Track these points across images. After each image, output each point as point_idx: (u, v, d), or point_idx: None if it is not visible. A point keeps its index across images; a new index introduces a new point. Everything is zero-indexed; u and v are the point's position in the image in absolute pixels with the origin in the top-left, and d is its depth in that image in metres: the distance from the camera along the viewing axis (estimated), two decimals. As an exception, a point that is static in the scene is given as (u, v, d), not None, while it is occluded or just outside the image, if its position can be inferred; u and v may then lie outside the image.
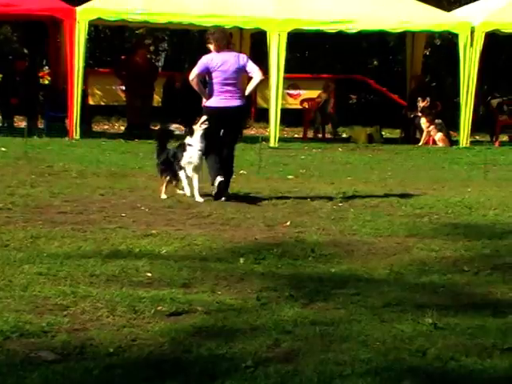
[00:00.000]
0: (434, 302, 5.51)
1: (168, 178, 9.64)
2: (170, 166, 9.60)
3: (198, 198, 9.29)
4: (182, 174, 9.52)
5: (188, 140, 9.63)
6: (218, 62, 9.52)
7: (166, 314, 5.12)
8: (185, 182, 9.49)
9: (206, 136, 9.56)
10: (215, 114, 9.52)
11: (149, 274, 6.00)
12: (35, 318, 4.91)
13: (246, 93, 9.82)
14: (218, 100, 9.53)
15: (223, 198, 9.34)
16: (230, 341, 4.64)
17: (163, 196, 9.51)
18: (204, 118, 9.57)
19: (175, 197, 9.48)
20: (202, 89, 9.64)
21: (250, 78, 9.76)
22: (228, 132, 9.64)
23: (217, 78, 9.51)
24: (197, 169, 9.51)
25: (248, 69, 9.65)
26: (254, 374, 4.17)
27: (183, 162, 9.50)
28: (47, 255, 6.42)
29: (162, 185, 9.63)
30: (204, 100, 9.69)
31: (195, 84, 9.59)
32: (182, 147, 9.65)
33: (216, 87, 9.53)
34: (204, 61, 9.63)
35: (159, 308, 5.19)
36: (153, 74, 18.18)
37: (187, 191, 9.45)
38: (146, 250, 6.74)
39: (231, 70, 9.53)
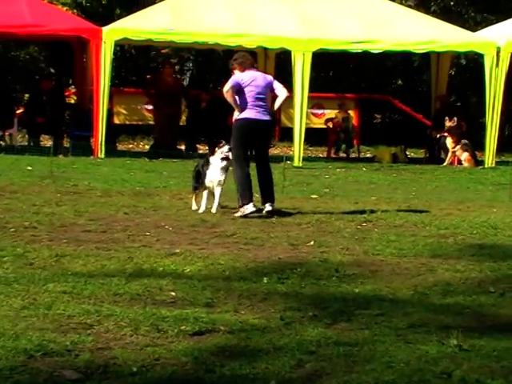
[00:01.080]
0: (458, 323, 5.47)
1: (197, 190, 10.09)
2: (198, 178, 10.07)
3: (214, 210, 9.73)
4: (205, 193, 9.87)
5: (210, 159, 9.88)
6: (248, 78, 9.76)
7: (189, 333, 5.12)
8: (204, 200, 9.83)
9: (236, 150, 9.77)
10: (249, 125, 9.71)
11: (172, 294, 6.00)
12: (59, 336, 4.93)
13: (275, 108, 10.09)
14: (251, 112, 9.72)
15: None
16: (253, 361, 4.62)
17: (194, 207, 9.96)
18: (226, 148, 9.80)
19: (199, 216, 9.50)
20: (236, 101, 9.73)
21: (275, 98, 9.90)
22: (260, 147, 9.88)
23: (250, 92, 9.71)
24: (219, 184, 9.88)
25: (274, 86, 9.87)
26: (277, 395, 4.15)
27: (206, 181, 9.87)
28: (71, 274, 6.45)
29: (193, 197, 10.11)
30: (236, 114, 9.79)
31: (230, 95, 9.70)
32: (206, 163, 9.96)
33: (249, 100, 9.71)
34: (235, 78, 9.83)
35: (182, 327, 5.19)
36: (181, 92, 18.29)
37: (201, 208, 9.77)
38: (170, 269, 6.74)
39: (262, 85, 9.78)
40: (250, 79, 9.74)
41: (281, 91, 9.85)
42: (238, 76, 9.81)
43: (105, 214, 9.45)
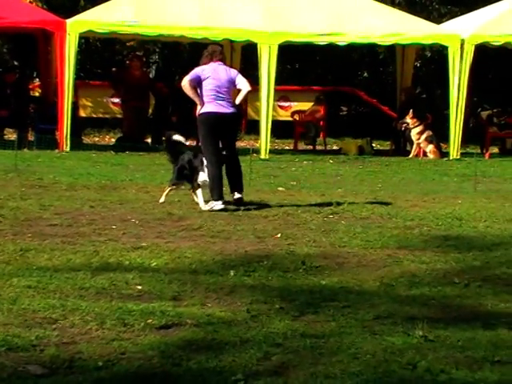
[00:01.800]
0: (424, 314, 5.51)
1: (178, 185, 9.99)
2: (186, 173, 9.86)
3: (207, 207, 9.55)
4: (199, 191, 9.70)
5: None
6: (209, 71, 9.76)
7: (156, 327, 5.10)
8: (201, 198, 9.65)
9: (204, 146, 9.70)
10: (212, 119, 9.63)
11: (139, 287, 5.98)
12: (24, 331, 4.89)
13: (236, 102, 9.98)
14: (212, 106, 9.68)
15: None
16: (220, 354, 4.62)
17: (162, 200, 9.85)
18: None
19: (165, 209, 9.47)
20: (196, 93, 9.70)
21: (238, 92, 9.88)
22: (226, 140, 9.85)
23: (209, 85, 9.69)
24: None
25: (237, 81, 9.83)
26: (243, 388, 4.16)
27: (200, 180, 9.71)
28: (36, 268, 6.40)
29: (165, 190, 9.94)
30: (198, 108, 9.76)
31: (187, 89, 9.69)
32: (200, 163, 9.75)
33: (209, 93, 9.68)
34: (195, 70, 9.86)
35: (149, 321, 5.17)
36: (148, 86, 18.21)
37: (204, 207, 9.55)
38: (136, 263, 6.72)
39: (222, 79, 9.75)
40: (211, 72, 9.72)
41: (243, 85, 9.82)
42: (198, 69, 9.84)
43: (70, 207, 9.39)
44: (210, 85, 9.67)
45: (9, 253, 6.90)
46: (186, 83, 9.71)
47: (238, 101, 9.94)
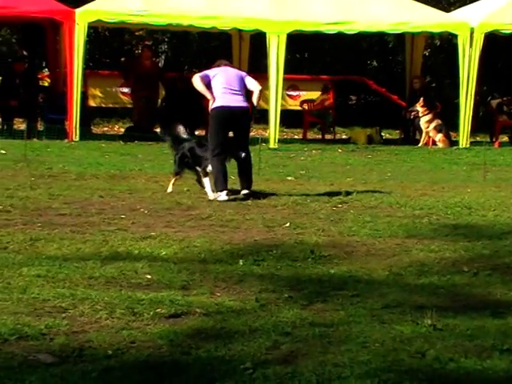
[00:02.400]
0: (433, 303, 5.50)
1: (181, 174, 9.99)
2: (187, 161, 9.88)
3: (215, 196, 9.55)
4: (206, 180, 9.71)
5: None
6: (217, 70, 9.95)
7: (165, 316, 5.12)
8: (209, 187, 9.67)
9: (213, 137, 9.70)
10: (223, 113, 9.67)
11: (148, 276, 5.99)
12: (34, 320, 4.91)
13: (254, 103, 10.03)
14: (222, 100, 9.75)
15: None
16: (229, 343, 4.64)
17: (170, 190, 9.85)
18: None
19: (174, 198, 9.48)
20: (206, 88, 9.77)
21: (250, 94, 10.04)
22: (238, 133, 9.91)
23: (219, 81, 9.80)
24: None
25: (246, 82, 9.96)
26: (252, 376, 4.17)
27: (210, 169, 9.70)
28: (46, 257, 6.42)
29: (171, 180, 9.94)
30: (210, 103, 9.77)
31: (198, 83, 9.75)
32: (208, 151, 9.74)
33: (220, 88, 9.78)
34: (204, 71, 10.06)
35: (158, 310, 5.19)
36: (158, 75, 18.20)
37: (212, 195, 9.58)
38: (145, 252, 6.73)
39: (231, 75, 9.88)
40: (219, 70, 9.88)
41: (254, 86, 9.94)
42: (207, 70, 10.02)
43: (79, 197, 9.41)
44: (220, 80, 9.77)
45: (18, 242, 6.93)
46: (196, 78, 9.83)
47: (255, 102, 9.99)
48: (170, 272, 6.13)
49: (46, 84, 19.78)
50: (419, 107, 17.71)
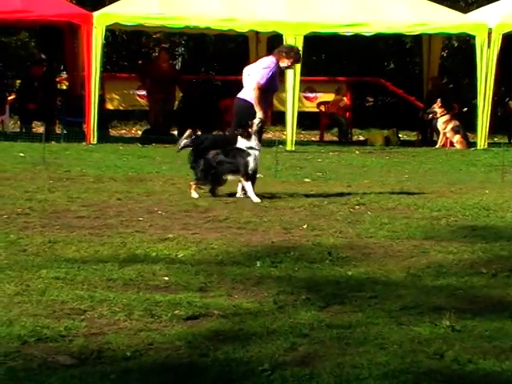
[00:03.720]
0: (451, 304, 5.49)
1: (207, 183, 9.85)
2: (212, 172, 9.79)
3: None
4: (249, 184, 9.64)
5: (247, 143, 9.72)
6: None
7: (183, 317, 5.13)
8: (251, 189, 9.64)
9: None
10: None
11: (166, 278, 6.01)
12: (53, 322, 4.94)
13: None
14: None
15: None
16: (247, 344, 4.64)
17: (195, 195, 9.73)
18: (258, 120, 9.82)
19: (192, 200, 9.50)
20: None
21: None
22: None
23: None
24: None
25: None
26: (270, 378, 4.17)
27: (251, 168, 9.65)
28: (64, 260, 6.45)
29: (192, 186, 9.80)
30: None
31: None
32: (240, 152, 9.69)
33: None
34: None
35: (176, 312, 5.20)
36: (175, 78, 18.25)
37: (256, 198, 9.55)
38: (163, 254, 6.75)
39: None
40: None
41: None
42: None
43: (97, 199, 9.45)
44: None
45: (37, 245, 6.96)
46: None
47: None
48: (187, 274, 6.15)
49: (64, 87, 19.89)
50: (437, 108, 17.66)
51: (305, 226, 8.07)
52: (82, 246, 6.94)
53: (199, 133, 19.27)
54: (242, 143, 9.76)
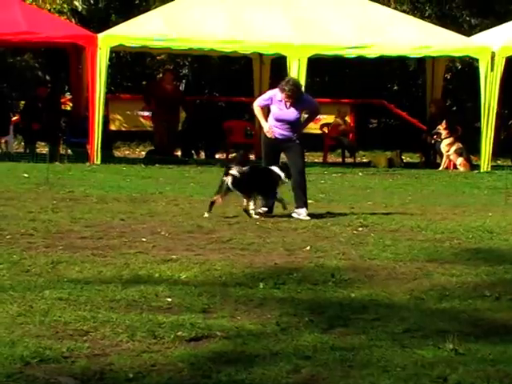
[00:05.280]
0: (454, 327, 5.48)
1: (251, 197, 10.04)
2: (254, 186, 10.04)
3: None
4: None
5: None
6: None
7: (186, 339, 5.12)
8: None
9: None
10: None
11: (168, 300, 6.01)
12: (55, 343, 4.93)
13: None
14: None
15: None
16: (250, 366, 4.63)
17: (257, 214, 9.91)
18: None
19: (195, 221, 9.50)
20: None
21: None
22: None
23: None
24: None
25: None
26: (273, 400, 4.16)
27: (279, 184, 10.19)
28: (68, 280, 6.45)
29: (248, 203, 9.93)
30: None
31: None
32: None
33: None
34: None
35: (179, 333, 5.19)
36: (180, 99, 18.31)
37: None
38: (166, 275, 6.75)
39: None
40: None
41: None
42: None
43: (101, 220, 9.45)
44: None
45: (40, 265, 6.96)
46: None
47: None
48: (190, 295, 6.14)
49: (69, 108, 19.95)
50: (442, 130, 17.68)
51: (308, 248, 8.07)
52: (85, 267, 6.94)
53: (202, 154, 19.41)
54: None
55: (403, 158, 19.26)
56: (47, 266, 6.93)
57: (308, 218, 9.90)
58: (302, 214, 10.03)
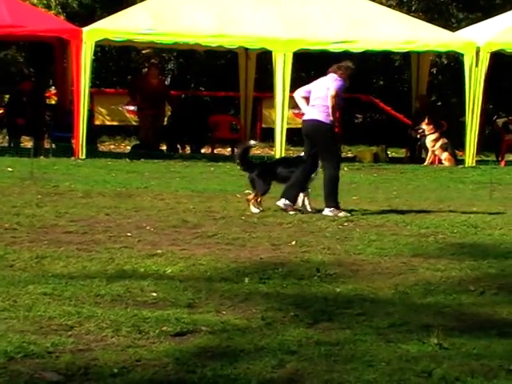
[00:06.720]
0: (439, 322, 5.49)
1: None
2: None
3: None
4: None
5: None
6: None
7: (171, 334, 5.12)
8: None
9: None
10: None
11: (154, 294, 6.00)
12: (40, 338, 4.91)
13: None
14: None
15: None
16: (235, 361, 4.63)
17: (257, 210, 9.89)
18: None
19: (180, 216, 9.48)
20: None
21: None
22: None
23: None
24: None
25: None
26: (258, 395, 4.16)
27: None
28: (52, 275, 6.43)
29: (254, 199, 9.96)
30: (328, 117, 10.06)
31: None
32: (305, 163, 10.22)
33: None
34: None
35: (164, 328, 5.18)
36: (165, 94, 18.27)
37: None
38: (151, 270, 6.74)
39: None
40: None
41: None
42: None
43: (86, 215, 9.42)
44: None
45: (25, 260, 6.93)
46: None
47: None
48: (175, 290, 6.13)
49: (53, 102, 19.87)
50: (424, 125, 17.73)
51: (293, 243, 8.07)
52: (70, 262, 6.91)
53: (188, 148, 19.39)
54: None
55: (388, 152, 19.29)
56: (31, 261, 6.91)
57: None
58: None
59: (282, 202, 9.97)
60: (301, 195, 10.10)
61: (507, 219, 9.82)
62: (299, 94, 10.36)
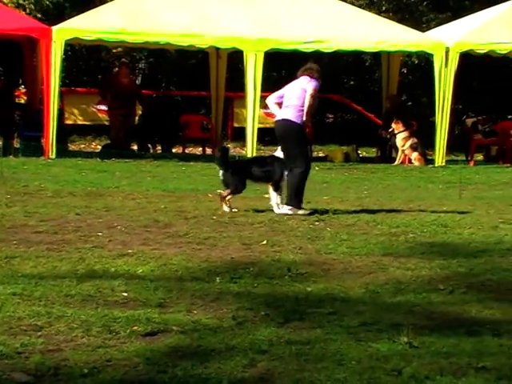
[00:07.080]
0: (409, 320, 5.53)
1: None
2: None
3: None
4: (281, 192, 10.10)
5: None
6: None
7: (142, 334, 5.10)
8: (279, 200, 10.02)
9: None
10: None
11: (124, 294, 5.98)
12: (9, 338, 4.88)
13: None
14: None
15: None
16: (206, 361, 4.63)
17: (229, 209, 9.87)
18: None
19: (151, 216, 9.46)
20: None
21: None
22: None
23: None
24: None
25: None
26: (229, 395, 4.16)
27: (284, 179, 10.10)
28: (22, 275, 6.38)
29: (227, 195, 9.96)
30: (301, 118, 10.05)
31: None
32: (279, 163, 10.13)
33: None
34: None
35: (134, 328, 5.17)
36: (136, 93, 18.21)
37: (283, 209, 9.90)
38: (122, 270, 6.71)
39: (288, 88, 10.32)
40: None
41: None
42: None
43: (56, 214, 9.37)
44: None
45: (-6, 260, 6.88)
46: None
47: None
48: (146, 290, 6.12)
49: (23, 101, 19.72)
50: (393, 124, 17.83)
51: (264, 242, 8.08)
52: (40, 262, 6.87)
53: (159, 148, 19.34)
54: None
55: (359, 152, 19.38)
56: (1, 261, 6.86)
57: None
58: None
59: (286, 209, 9.93)
60: (273, 193, 10.09)
61: (476, 218, 9.89)
62: (272, 100, 10.33)
